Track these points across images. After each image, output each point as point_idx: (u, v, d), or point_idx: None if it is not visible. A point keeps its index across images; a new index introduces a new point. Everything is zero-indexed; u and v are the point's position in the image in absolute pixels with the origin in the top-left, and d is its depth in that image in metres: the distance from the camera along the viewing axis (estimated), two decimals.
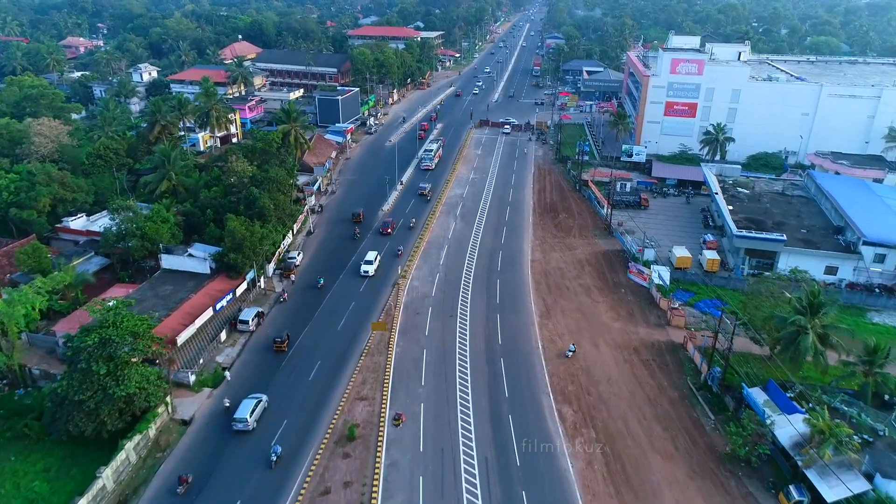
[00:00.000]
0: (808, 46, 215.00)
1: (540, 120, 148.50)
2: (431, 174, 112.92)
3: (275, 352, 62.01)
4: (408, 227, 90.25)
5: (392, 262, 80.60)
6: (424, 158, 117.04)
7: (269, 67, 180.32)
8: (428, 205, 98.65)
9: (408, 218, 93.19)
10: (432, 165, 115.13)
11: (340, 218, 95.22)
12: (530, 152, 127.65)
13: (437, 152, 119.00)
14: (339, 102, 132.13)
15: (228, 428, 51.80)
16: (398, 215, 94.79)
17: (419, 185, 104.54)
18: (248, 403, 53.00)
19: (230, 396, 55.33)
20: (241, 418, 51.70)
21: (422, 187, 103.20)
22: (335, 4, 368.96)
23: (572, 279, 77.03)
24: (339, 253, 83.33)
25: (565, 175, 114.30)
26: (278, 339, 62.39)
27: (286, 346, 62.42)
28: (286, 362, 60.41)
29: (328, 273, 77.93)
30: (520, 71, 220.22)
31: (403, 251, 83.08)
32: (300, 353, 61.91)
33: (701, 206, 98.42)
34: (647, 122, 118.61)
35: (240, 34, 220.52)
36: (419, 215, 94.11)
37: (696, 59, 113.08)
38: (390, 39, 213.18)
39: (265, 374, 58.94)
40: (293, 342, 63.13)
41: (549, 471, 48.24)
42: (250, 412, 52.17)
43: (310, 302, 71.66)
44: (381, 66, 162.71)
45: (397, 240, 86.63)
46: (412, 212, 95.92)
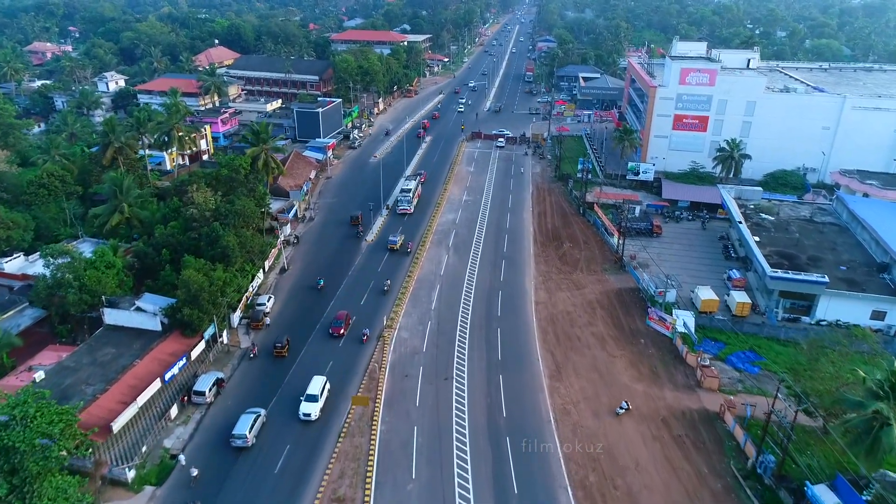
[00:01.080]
0: (809, 50, 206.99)
1: (536, 132, 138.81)
2: (409, 220, 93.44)
3: (274, 357, 61.48)
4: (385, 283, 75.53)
5: (378, 303, 70.53)
6: (401, 201, 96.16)
7: (245, 75, 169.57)
8: (407, 259, 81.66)
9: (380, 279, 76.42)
10: (410, 209, 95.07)
11: (321, 249, 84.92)
12: (527, 169, 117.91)
13: (416, 191, 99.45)
14: (320, 115, 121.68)
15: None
16: (395, 223, 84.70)
17: (389, 237, 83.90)
18: (246, 419, 50.59)
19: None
20: (241, 434, 49.30)
21: (392, 241, 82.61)
22: (319, 6, 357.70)
23: (583, 326, 67.25)
24: (318, 294, 73.05)
25: (567, 196, 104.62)
26: (279, 343, 61.84)
27: (286, 352, 61.77)
28: (246, 450, 49.97)
29: (304, 320, 67.74)
30: (511, 76, 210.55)
31: (391, 287, 73.17)
32: (266, 435, 51.53)
33: (719, 233, 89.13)
34: (654, 136, 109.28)
35: (216, 39, 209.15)
36: (394, 275, 78.81)
37: (708, 68, 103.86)
38: (375, 44, 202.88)
39: (222, 465, 48.54)
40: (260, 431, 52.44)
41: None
42: (249, 427, 49.83)
43: (281, 359, 61.35)
44: (365, 74, 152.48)
45: (384, 274, 76.58)
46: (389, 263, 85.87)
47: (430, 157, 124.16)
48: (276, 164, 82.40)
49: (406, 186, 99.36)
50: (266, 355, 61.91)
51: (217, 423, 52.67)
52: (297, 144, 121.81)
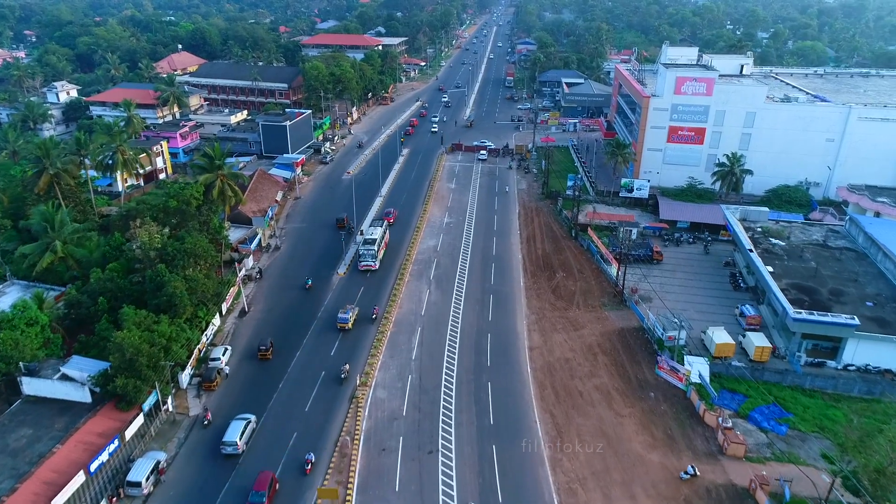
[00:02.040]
0: (793, 52, 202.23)
1: (519, 143, 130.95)
2: (373, 278, 76.19)
3: (259, 360, 60.41)
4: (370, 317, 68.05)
5: (351, 353, 61.87)
6: (363, 255, 76.95)
7: (209, 83, 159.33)
8: (384, 296, 72.30)
9: None
10: (375, 265, 77.17)
11: (286, 284, 75.95)
12: (512, 184, 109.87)
13: (383, 240, 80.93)
14: (287, 129, 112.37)
15: None
16: (354, 285, 76.02)
17: (339, 313, 66.05)
18: (237, 425, 49.78)
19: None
20: (231, 442, 48.58)
21: (342, 318, 65.07)
22: (291, 8, 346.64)
23: (585, 378, 59.27)
24: (283, 341, 64.10)
25: (556, 216, 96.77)
26: (263, 346, 60.97)
27: (271, 354, 61.14)
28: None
29: (267, 376, 58.86)
30: (491, 82, 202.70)
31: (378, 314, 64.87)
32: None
33: (724, 258, 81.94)
34: (648, 149, 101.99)
35: (179, 44, 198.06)
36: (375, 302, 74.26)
37: (705, 77, 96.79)
38: (348, 49, 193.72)
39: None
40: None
41: None
42: (240, 435, 48.98)
43: None
44: (337, 82, 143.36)
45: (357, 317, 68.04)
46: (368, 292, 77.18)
47: (408, 173, 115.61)
48: (233, 191, 73.17)
49: (370, 235, 79.54)
50: (225, 415, 52.92)
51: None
52: (262, 161, 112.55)
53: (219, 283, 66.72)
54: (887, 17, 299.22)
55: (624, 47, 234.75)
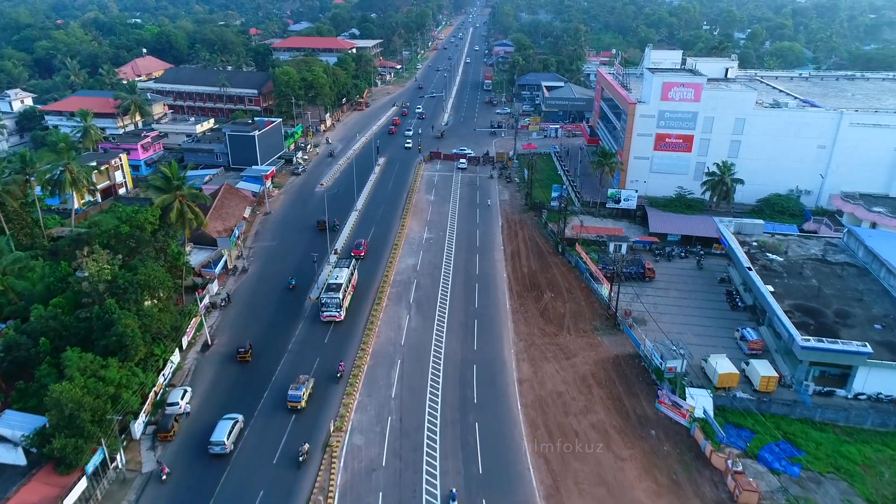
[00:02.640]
0: (772, 53, 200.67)
1: (500, 150, 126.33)
2: (339, 330, 66.25)
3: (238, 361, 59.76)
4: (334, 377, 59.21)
5: (325, 393, 56.53)
6: (326, 304, 65.62)
7: (175, 89, 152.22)
8: (359, 328, 65.38)
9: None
10: (340, 315, 66.09)
11: (255, 311, 70.19)
12: (494, 195, 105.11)
13: (350, 283, 70.12)
14: (256, 140, 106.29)
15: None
16: (319, 330, 70.47)
17: (289, 390, 54.85)
18: (224, 425, 49.99)
19: None
20: (218, 441, 48.75)
21: (293, 396, 53.98)
22: (262, 9, 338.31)
23: (580, 414, 54.62)
24: (250, 380, 58.52)
25: (541, 229, 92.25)
26: (242, 349, 60.39)
27: (250, 356, 60.43)
28: None
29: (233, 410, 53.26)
30: (469, 85, 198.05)
31: (343, 372, 59.05)
32: None
33: (718, 274, 78.09)
34: (634, 157, 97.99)
35: (144, 48, 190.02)
36: (345, 349, 67.84)
37: (693, 82, 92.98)
38: (321, 52, 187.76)
39: None
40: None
41: None
42: (227, 434, 49.16)
43: (201, 484, 46.82)
44: (309, 88, 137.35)
45: (332, 348, 62.57)
46: None
47: (385, 183, 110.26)
48: (194, 213, 67.12)
49: (335, 279, 67.63)
50: (184, 467, 47.27)
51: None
52: (230, 174, 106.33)
53: (178, 315, 60.85)
54: (860, 17, 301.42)
55: (602, 49, 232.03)
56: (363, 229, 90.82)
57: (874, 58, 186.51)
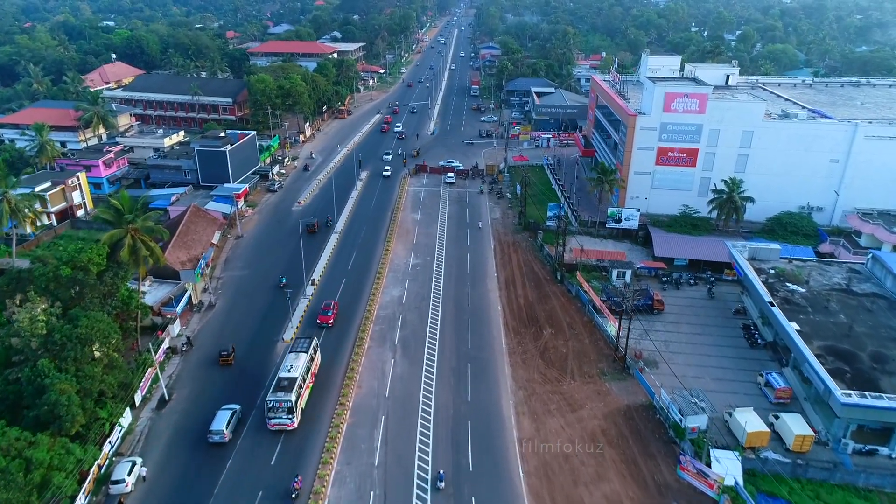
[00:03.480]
0: (766, 56, 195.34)
1: (490, 162, 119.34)
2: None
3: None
4: None
5: (294, 458, 49.05)
6: (274, 407, 50.73)
7: (145, 97, 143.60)
8: (337, 377, 57.47)
9: None
10: (293, 424, 51.32)
11: (221, 353, 62.47)
12: (484, 214, 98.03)
13: (309, 373, 55.44)
14: (227, 155, 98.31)
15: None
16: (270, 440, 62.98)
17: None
18: (223, 415, 51.09)
19: None
20: (218, 430, 49.92)
21: None
22: (241, 11, 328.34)
23: (591, 483, 47.62)
24: (209, 447, 50.85)
25: (536, 252, 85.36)
26: (224, 352, 59.86)
27: (232, 360, 59.95)
28: None
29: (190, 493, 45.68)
30: (455, 90, 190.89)
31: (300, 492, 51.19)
32: None
33: (731, 304, 71.60)
34: (635, 172, 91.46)
35: (114, 53, 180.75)
36: (321, 400, 58.62)
37: (697, 92, 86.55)
38: (300, 57, 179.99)
39: None
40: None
41: None
42: (226, 424, 50.24)
43: None
44: (286, 96, 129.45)
45: (308, 402, 55.14)
46: None
47: (367, 200, 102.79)
48: (149, 249, 59.14)
49: (287, 371, 53.10)
50: None
51: None
52: (199, 193, 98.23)
53: (130, 368, 53.10)
54: (848, 18, 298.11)
55: (591, 52, 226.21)
56: (343, 256, 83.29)
57: (870, 61, 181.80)
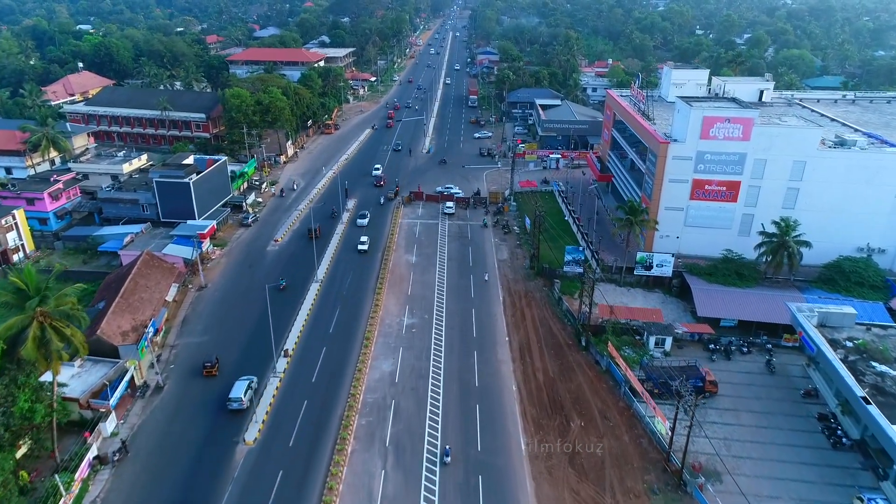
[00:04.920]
0: (782, 62, 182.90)
1: (493, 188, 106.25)
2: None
3: None
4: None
5: None
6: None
7: (109, 113, 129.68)
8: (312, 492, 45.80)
9: None
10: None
11: (167, 464, 49.08)
12: (490, 255, 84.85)
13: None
14: (191, 187, 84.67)
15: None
16: None
17: None
18: (241, 385, 55.31)
19: None
20: (236, 398, 54.08)
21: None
22: (226, 14, 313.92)
23: None
24: None
25: (553, 306, 72.29)
26: (208, 363, 58.97)
27: (216, 371, 58.72)
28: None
29: None
30: (452, 100, 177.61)
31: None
32: None
33: (797, 383, 58.75)
34: (665, 208, 78.49)
35: (81, 62, 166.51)
36: None
37: (741, 116, 73.63)
38: (284, 66, 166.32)
39: None
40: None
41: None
42: (244, 392, 54.53)
43: None
44: (265, 112, 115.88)
45: None
46: None
47: (355, 237, 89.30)
48: (63, 338, 45.23)
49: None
50: None
51: None
52: (158, 231, 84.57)
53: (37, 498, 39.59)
54: (857, 20, 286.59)
55: (595, 57, 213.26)
56: (324, 314, 69.82)
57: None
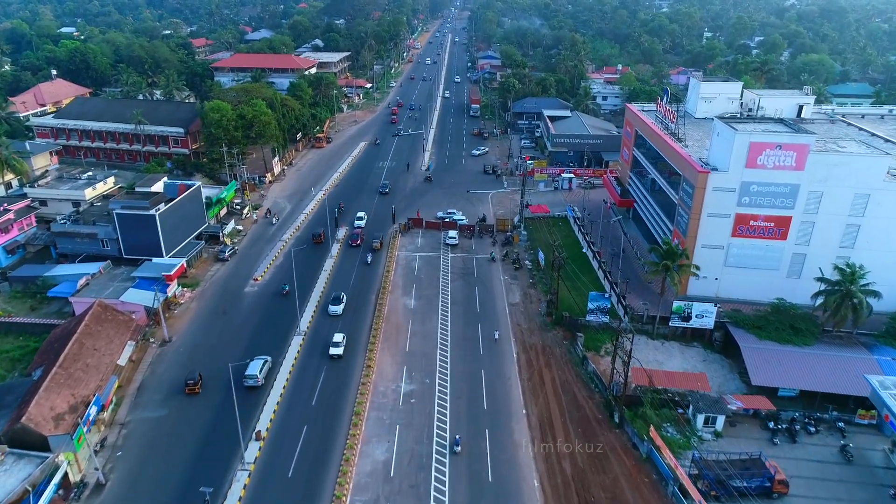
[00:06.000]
0: (801, 68, 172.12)
1: (501, 212, 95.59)
2: None
3: None
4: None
5: None
6: None
7: (80, 126, 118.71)
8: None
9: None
10: None
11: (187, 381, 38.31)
12: (499, 296, 74.03)
13: None
14: (157, 220, 73.75)
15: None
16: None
17: None
18: (257, 363, 57.01)
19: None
20: (252, 375, 55.91)
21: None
22: (216, 15, 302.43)
23: None
24: None
25: (576, 366, 61.57)
26: (191, 380, 56.02)
27: (199, 388, 55.87)
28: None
29: None
30: (452, 109, 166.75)
31: None
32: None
33: (881, 475, 48.08)
34: (703, 246, 67.97)
35: (55, 69, 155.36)
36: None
37: (795, 142, 63.04)
38: (273, 73, 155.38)
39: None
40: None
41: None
42: (260, 370, 56.51)
43: None
44: (248, 127, 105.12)
45: None
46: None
47: (345, 275, 78.64)
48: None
49: None
50: None
51: None
52: (120, 270, 73.59)
53: None
54: (869, 23, 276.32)
55: (602, 62, 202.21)
56: (307, 379, 58.95)
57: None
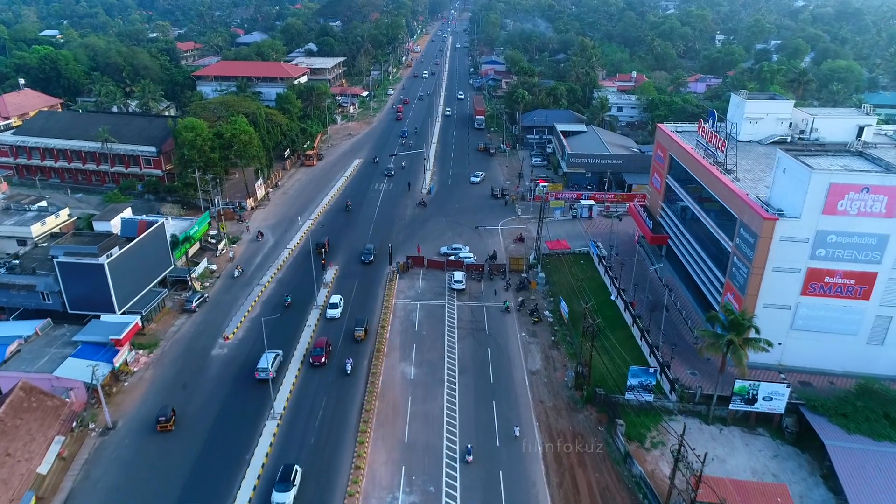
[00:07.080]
0: (829, 76, 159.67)
1: (514, 251, 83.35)
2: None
3: None
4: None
5: None
6: None
7: (42, 144, 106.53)
8: None
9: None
10: None
11: None
12: (516, 363, 61.70)
13: None
14: (106, 270, 61.39)
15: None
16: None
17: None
18: (268, 356, 57.14)
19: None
20: (264, 368, 56.14)
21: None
22: (207, 16, 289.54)
23: None
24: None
25: (616, 464, 49.33)
26: (162, 417, 51.14)
27: (172, 426, 51.10)
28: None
29: None
30: (455, 121, 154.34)
31: None
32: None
33: None
34: (765, 305, 55.91)
35: (23, 78, 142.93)
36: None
37: (885, 184, 51.05)
38: (260, 82, 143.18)
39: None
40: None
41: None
42: (271, 363, 56.63)
43: None
44: (227, 147, 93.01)
45: None
46: None
47: (337, 328, 66.37)
48: None
49: None
50: None
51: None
52: (63, 330, 61.25)
53: None
54: (885, 25, 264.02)
55: (613, 68, 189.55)
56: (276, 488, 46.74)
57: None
